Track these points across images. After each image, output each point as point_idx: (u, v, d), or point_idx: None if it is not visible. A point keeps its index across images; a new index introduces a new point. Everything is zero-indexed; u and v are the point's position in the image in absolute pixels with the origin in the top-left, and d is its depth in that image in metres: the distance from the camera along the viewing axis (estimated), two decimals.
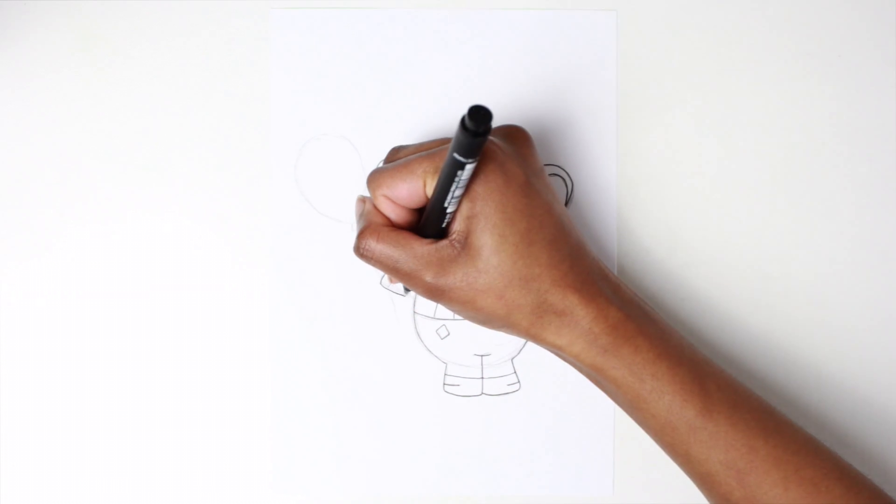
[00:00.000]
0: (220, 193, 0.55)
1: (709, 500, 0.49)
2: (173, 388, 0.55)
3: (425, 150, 0.48)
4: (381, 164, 0.54)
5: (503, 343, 0.55)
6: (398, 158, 0.50)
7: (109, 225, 0.55)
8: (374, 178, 0.49)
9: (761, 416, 0.47)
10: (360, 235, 0.48)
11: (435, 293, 0.48)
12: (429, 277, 0.47)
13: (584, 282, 0.47)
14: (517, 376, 0.55)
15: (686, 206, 0.55)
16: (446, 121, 0.55)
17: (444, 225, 0.48)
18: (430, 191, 0.47)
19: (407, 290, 0.54)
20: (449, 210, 0.47)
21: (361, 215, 0.50)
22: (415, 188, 0.47)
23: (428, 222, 0.48)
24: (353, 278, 0.55)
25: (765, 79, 0.55)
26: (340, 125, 0.55)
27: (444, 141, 0.49)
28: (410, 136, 0.55)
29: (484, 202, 0.46)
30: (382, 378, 0.55)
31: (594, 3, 0.55)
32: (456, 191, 0.45)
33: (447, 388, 0.55)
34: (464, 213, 0.47)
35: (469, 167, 0.44)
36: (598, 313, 0.47)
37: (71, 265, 0.55)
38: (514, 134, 0.49)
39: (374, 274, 0.55)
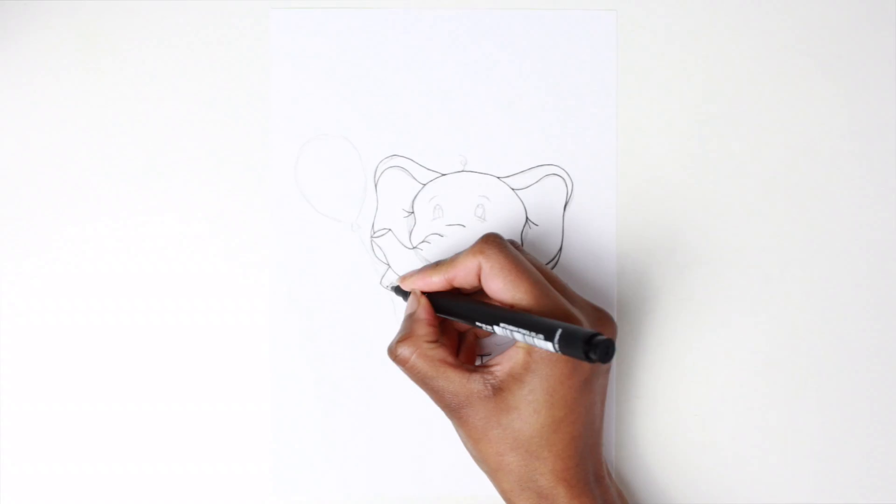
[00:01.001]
0: (220, 193, 0.55)
1: None
2: (173, 388, 0.55)
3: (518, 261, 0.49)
4: None
5: (503, 343, 0.55)
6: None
7: (109, 225, 0.55)
8: (490, 248, 0.49)
9: None
10: (401, 341, 0.49)
11: (448, 410, 0.49)
12: (451, 400, 0.48)
13: (580, 480, 0.48)
14: None
15: (686, 206, 0.55)
16: (446, 120, 0.55)
17: (476, 324, 0.48)
18: (494, 290, 0.48)
19: (397, 291, 0.54)
20: (496, 332, 0.47)
21: (410, 318, 0.50)
22: (506, 299, 0.48)
23: (464, 310, 0.49)
24: (353, 278, 0.55)
25: (765, 79, 0.55)
26: (340, 125, 0.55)
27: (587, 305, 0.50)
28: (410, 135, 0.55)
29: (538, 378, 0.47)
30: (382, 378, 0.55)
31: (594, 3, 0.55)
32: (518, 336, 0.45)
33: None
34: (514, 368, 0.47)
35: (549, 349, 0.43)
36: None
37: (71, 265, 0.55)
38: (603, 320, 0.50)
39: (374, 274, 0.55)
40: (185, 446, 0.55)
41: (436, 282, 0.50)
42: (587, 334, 0.41)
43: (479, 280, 0.49)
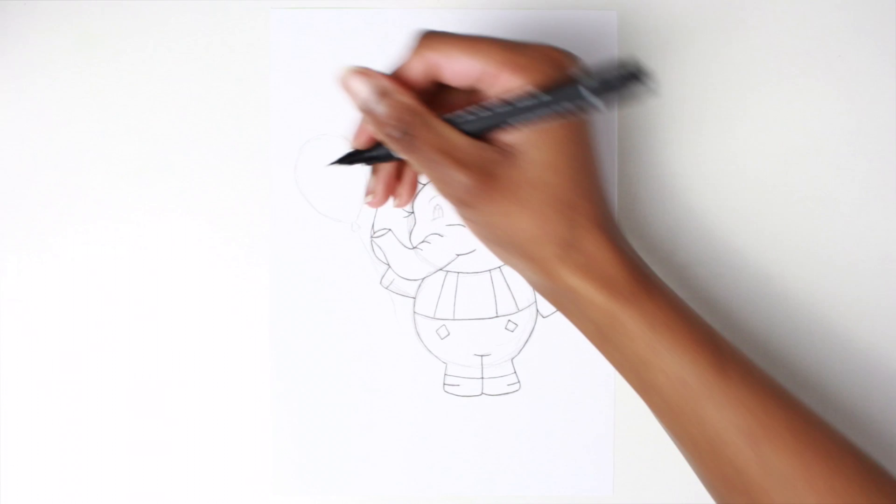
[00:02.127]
0: (220, 193, 0.55)
1: (704, 469, 0.46)
2: (173, 389, 0.55)
3: (507, 41, 0.44)
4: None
5: (503, 343, 0.55)
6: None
7: (109, 225, 0.55)
8: (433, 38, 0.43)
9: (774, 384, 0.45)
10: (399, 118, 0.43)
11: (468, 199, 0.43)
12: (468, 181, 0.43)
13: (611, 228, 0.45)
14: (517, 376, 0.55)
15: (686, 206, 0.55)
16: None
17: (482, 133, 0.43)
18: (493, 90, 0.43)
19: (346, 160, 0.47)
20: (513, 127, 0.43)
21: (385, 93, 0.43)
22: (473, 69, 0.43)
23: (471, 120, 0.43)
24: (353, 278, 0.55)
25: (765, 79, 0.55)
26: (340, 125, 0.55)
27: (542, 48, 0.44)
28: None
29: (560, 128, 0.43)
30: (382, 378, 0.55)
31: (594, 3, 0.55)
32: (541, 118, 0.41)
33: (447, 388, 0.55)
34: (528, 132, 0.43)
35: (590, 107, 0.40)
36: (623, 259, 0.44)
37: (71, 265, 0.55)
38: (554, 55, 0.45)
39: (374, 274, 0.55)
40: (186, 445, 0.55)
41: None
42: (624, 72, 0.39)
43: (431, 84, 0.44)
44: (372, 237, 0.55)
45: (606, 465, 0.55)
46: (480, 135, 0.44)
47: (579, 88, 0.41)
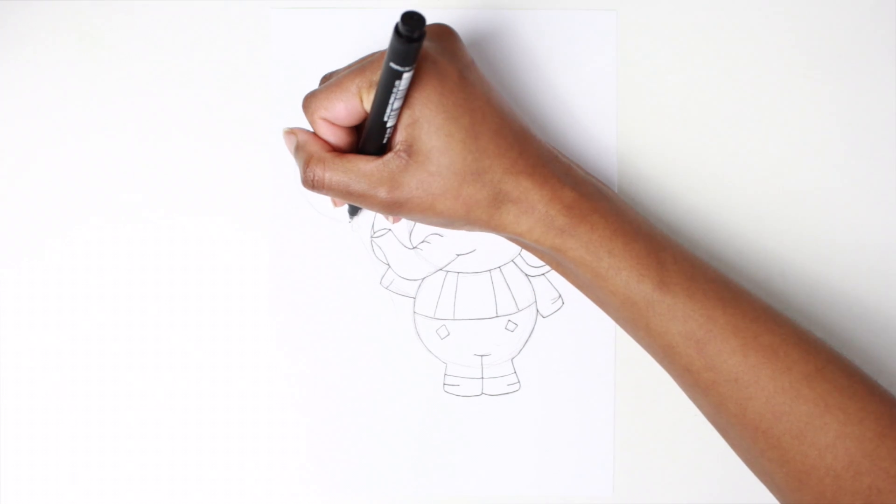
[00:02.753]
0: (220, 193, 0.55)
1: (670, 374, 0.49)
2: (173, 389, 0.55)
3: (358, 66, 0.48)
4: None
5: (503, 343, 0.55)
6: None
7: (109, 225, 0.55)
8: (310, 101, 0.48)
9: (718, 287, 0.48)
10: (307, 167, 0.48)
11: (393, 207, 0.48)
12: (383, 194, 0.47)
13: (535, 165, 0.48)
14: (517, 376, 0.55)
15: (686, 206, 0.55)
16: None
17: (385, 140, 0.47)
18: (367, 105, 0.47)
19: (353, 213, 0.54)
20: (389, 124, 0.46)
21: (299, 147, 0.49)
22: (352, 105, 0.47)
23: (369, 139, 0.48)
24: (353, 278, 0.55)
25: (765, 79, 0.55)
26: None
27: (377, 55, 0.48)
28: None
29: (423, 106, 0.46)
30: (382, 378, 0.55)
31: (594, 3, 0.55)
32: (395, 102, 0.45)
33: (447, 388, 0.55)
34: (404, 121, 0.46)
35: (407, 76, 0.44)
36: (553, 195, 0.48)
37: (71, 265, 0.55)
38: (440, 32, 0.49)
39: (374, 274, 0.55)
40: (185, 446, 0.55)
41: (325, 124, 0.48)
42: (394, 32, 0.42)
43: (341, 130, 0.48)
44: (372, 237, 0.55)
45: (606, 465, 0.55)
46: (384, 148, 0.48)
47: (389, 65, 0.44)
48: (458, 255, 0.55)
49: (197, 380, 0.55)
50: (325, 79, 0.50)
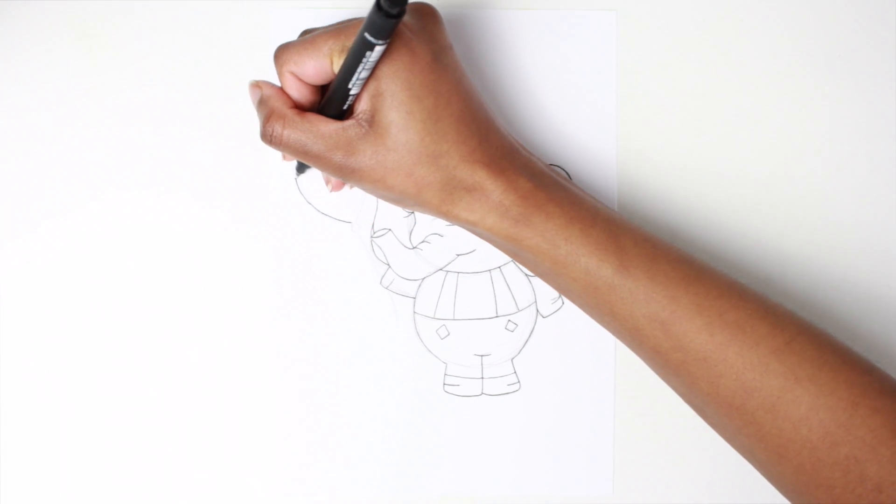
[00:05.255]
0: (220, 193, 0.55)
1: (641, 357, 0.49)
2: (172, 389, 0.55)
3: (335, 28, 0.48)
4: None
5: (503, 343, 0.55)
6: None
7: (108, 225, 0.55)
8: (281, 53, 0.48)
9: (681, 266, 0.48)
10: (267, 121, 0.48)
11: (345, 172, 0.48)
12: (338, 158, 0.47)
13: (493, 156, 0.48)
14: (517, 376, 0.55)
15: (686, 206, 0.55)
16: None
17: (345, 107, 0.48)
18: (336, 68, 0.47)
19: (300, 171, 0.54)
20: (353, 92, 0.47)
21: (262, 101, 0.49)
22: (321, 65, 0.47)
23: (330, 102, 0.48)
24: (353, 278, 0.55)
25: (765, 79, 0.55)
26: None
27: (356, 20, 0.48)
28: None
29: (390, 80, 0.46)
30: (382, 378, 0.55)
31: (594, 3, 0.55)
32: (362, 72, 0.45)
33: (447, 388, 0.55)
34: (370, 91, 0.47)
35: (379, 49, 0.44)
36: (508, 185, 0.48)
37: (70, 265, 0.55)
38: (422, 11, 0.49)
39: (374, 274, 0.55)
40: (184, 446, 0.55)
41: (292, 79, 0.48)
42: (375, 5, 0.42)
43: (307, 87, 0.49)
44: (372, 237, 0.55)
45: (606, 465, 0.55)
46: (345, 114, 0.48)
47: (364, 35, 0.44)
48: (458, 255, 0.55)
49: (197, 379, 0.55)
50: (304, 33, 0.50)
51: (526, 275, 0.55)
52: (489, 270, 0.55)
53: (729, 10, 0.55)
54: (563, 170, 0.55)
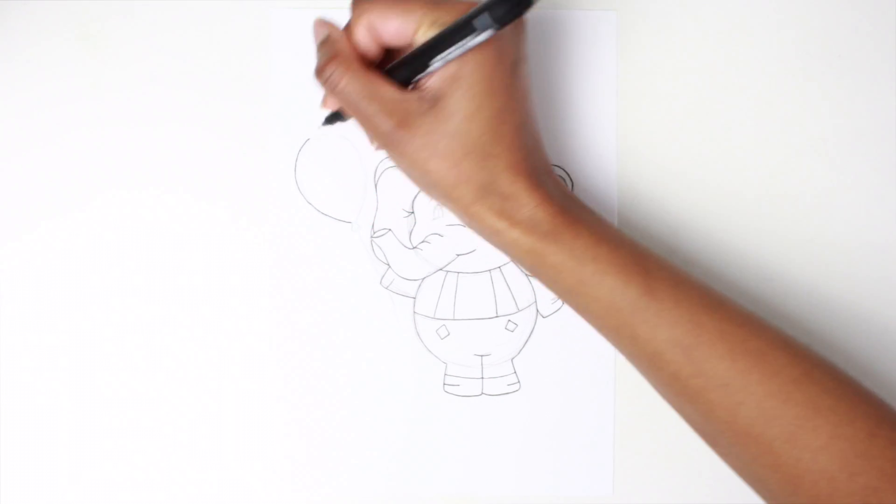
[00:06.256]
0: (220, 193, 0.55)
1: (656, 383, 0.49)
2: (173, 389, 0.55)
3: None
4: None
5: (503, 343, 0.55)
6: None
7: (108, 224, 0.55)
8: (364, 1, 0.47)
9: (704, 293, 0.48)
10: (330, 63, 0.46)
11: (389, 142, 0.47)
12: (388, 125, 0.46)
13: (534, 172, 0.48)
14: (517, 376, 0.55)
15: (686, 206, 0.55)
16: None
17: (416, 78, 0.47)
18: (420, 38, 0.46)
19: (330, 122, 0.52)
20: (433, 67, 0.46)
21: (328, 41, 0.47)
22: (405, 28, 0.46)
23: (401, 67, 0.47)
24: (353, 278, 0.55)
25: (765, 79, 0.55)
26: (340, 125, 0.55)
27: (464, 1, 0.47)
28: None
29: (473, 68, 0.46)
30: (382, 378, 0.55)
31: (594, 3, 0.55)
32: (452, 53, 0.45)
33: (447, 388, 0.55)
34: (448, 72, 0.46)
35: (485, 36, 0.43)
36: (542, 200, 0.47)
37: (70, 264, 0.55)
38: None
39: (374, 274, 0.55)
40: (184, 445, 0.55)
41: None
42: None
43: (376, 42, 0.47)
44: (372, 237, 0.55)
45: (606, 465, 0.55)
46: (411, 83, 0.47)
47: (476, 18, 0.43)
48: (458, 255, 0.55)
49: (196, 379, 0.55)
50: None
51: (526, 275, 0.55)
52: (489, 270, 0.55)
53: (729, 10, 0.55)
54: (564, 170, 0.55)
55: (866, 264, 0.55)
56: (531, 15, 0.55)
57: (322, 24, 0.48)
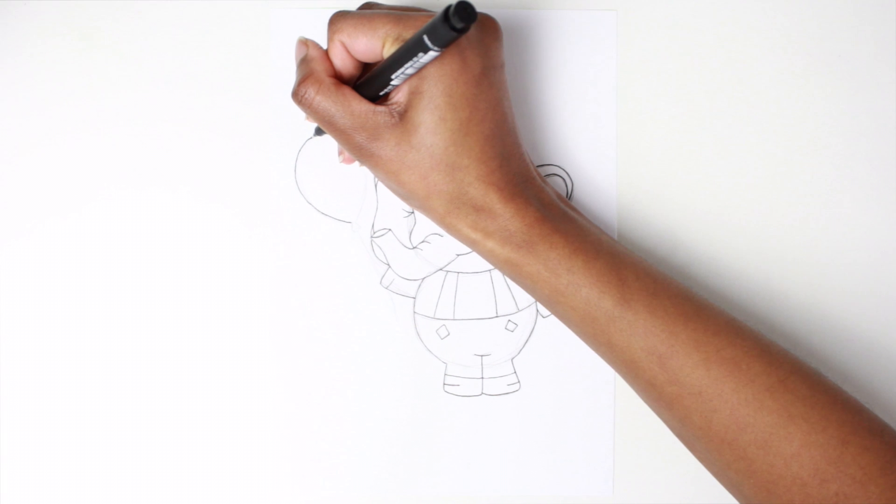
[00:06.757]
0: (220, 193, 0.55)
1: (634, 388, 0.50)
2: (173, 389, 0.55)
3: (396, 14, 0.48)
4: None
5: (503, 343, 0.55)
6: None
7: (109, 225, 0.55)
8: (337, 20, 0.48)
9: (680, 302, 0.48)
10: (302, 82, 0.48)
11: (363, 154, 0.48)
12: (360, 138, 0.47)
13: (510, 181, 0.48)
14: (517, 376, 0.55)
15: (686, 206, 0.55)
16: None
17: (382, 93, 0.48)
18: (386, 54, 0.47)
19: (319, 133, 0.54)
20: (394, 83, 0.47)
21: (305, 60, 0.49)
22: (373, 45, 0.47)
23: (369, 83, 0.48)
24: (353, 278, 0.55)
25: (765, 79, 0.55)
26: None
27: (421, 13, 0.48)
28: None
29: (433, 82, 0.46)
30: (382, 378, 0.55)
31: (594, 3, 0.55)
32: (409, 69, 0.45)
33: (447, 388, 0.55)
34: (410, 86, 0.47)
35: (432, 54, 0.44)
36: (517, 211, 0.48)
37: (71, 265, 0.55)
38: (484, 23, 0.49)
39: (374, 274, 0.55)
40: (185, 445, 0.55)
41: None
42: (443, 14, 0.41)
43: (352, 59, 0.48)
44: (372, 237, 0.55)
45: (606, 465, 0.55)
46: (380, 98, 0.48)
47: (423, 37, 0.43)
48: (458, 255, 0.55)
49: (197, 379, 0.55)
50: (366, 6, 0.50)
51: None
52: (489, 270, 0.55)
53: (729, 10, 0.55)
54: (563, 170, 0.55)
55: (866, 264, 0.55)
56: (531, 15, 0.55)
57: (302, 43, 0.49)
